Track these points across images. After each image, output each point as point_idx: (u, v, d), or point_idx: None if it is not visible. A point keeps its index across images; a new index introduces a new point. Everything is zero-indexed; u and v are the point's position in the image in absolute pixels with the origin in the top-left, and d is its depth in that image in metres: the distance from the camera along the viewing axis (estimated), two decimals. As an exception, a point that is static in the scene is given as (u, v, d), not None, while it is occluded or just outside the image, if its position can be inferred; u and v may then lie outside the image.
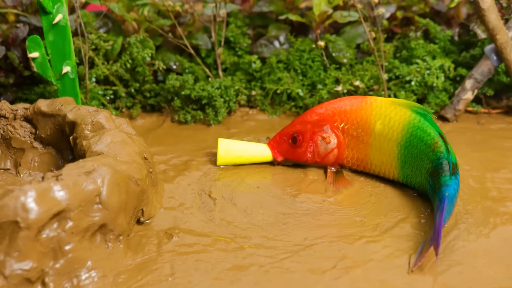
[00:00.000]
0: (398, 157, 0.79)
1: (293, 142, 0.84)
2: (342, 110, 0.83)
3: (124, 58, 1.06)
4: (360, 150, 0.83)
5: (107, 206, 0.61)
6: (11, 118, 0.85)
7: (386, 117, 0.80)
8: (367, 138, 0.82)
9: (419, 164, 0.76)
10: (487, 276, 0.60)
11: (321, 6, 1.09)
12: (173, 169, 0.86)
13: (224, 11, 1.07)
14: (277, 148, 0.86)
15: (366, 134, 0.82)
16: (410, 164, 0.78)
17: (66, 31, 0.90)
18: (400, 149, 0.79)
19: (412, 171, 0.78)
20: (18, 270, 0.56)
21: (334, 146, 0.83)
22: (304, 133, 0.84)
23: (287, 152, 0.86)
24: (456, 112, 1.05)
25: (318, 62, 1.11)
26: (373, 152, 0.81)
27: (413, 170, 0.77)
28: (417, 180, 0.77)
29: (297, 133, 0.84)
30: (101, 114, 0.77)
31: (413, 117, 0.78)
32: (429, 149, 0.75)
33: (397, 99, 0.81)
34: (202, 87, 1.04)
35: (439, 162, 0.73)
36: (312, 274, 0.61)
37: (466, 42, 1.16)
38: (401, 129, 0.79)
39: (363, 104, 0.82)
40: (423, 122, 0.78)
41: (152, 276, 0.61)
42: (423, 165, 0.76)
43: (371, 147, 0.81)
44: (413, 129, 0.78)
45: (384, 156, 0.81)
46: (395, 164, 0.80)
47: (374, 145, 0.81)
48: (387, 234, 0.68)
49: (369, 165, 0.83)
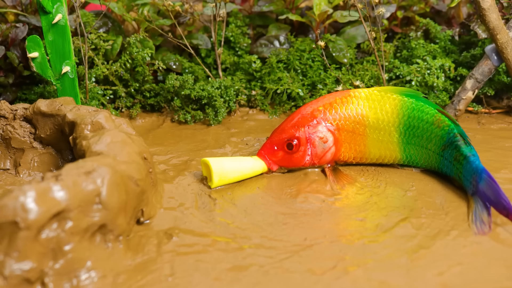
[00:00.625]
0: (399, 140, 0.82)
1: (289, 148, 0.82)
2: (332, 107, 0.83)
3: (124, 58, 1.06)
4: (357, 143, 0.84)
5: (106, 206, 0.61)
6: (10, 118, 0.85)
7: (378, 105, 0.83)
8: (363, 130, 0.83)
9: (426, 142, 0.81)
10: (487, 277, 0.60)
11: (321, 5, 1.09)
12: (173, 169, 0.86)
13: (224, 11, 1.07)
14: (271, 158, 0.83)
15: (361, 125, 0.83)
16: (414, 144, 0.82)
17: (66, 31, 0.90)
18: (401, 132, 0.82)
19: (417, 151, 0.82)
20: (17, 271, 0.55)
21: (332, 144, 0.83)
22: (299, 137, 0.82)
23: (283, 160, 0.83)
24: (456, 112, 1.05)
25: (318, 62, 1.11)
26: (371, 141, 0.83)
27: (418, 149, 0.82)
28: (424, 157, 0.82)
29: (292, 139, 0.82)
30: (101, 114, 0.76)
31: (405, 100, 0.82)
32: (434, 126, 0.81)
33: (382, 87, 0.84)
34: (202, 87, 1.04)
35: (451, 135, 0.79)
36: (312, 274, 0.61)
37: (467, 42, 1.15)
38: (396, 114, 0.82)
39: (350, 97, 0.84)
40: (417, 103, 0.82)
41: (152, 276, 0.61)
42: (432, 142, 0.81)
43: (368, 138, 0.83)
44: (409, 111, 0.82)
45: (382, 143, 0.83)
46: (397, 148, 0.83)
47: (371, 135, 0.83)
48: (387, 234, 0.68)
49: (367, 155, 0.84)
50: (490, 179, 0.71)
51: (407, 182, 0.81)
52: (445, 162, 0.80)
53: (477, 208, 0.71)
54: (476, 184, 0.73)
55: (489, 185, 0.71)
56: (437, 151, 0.81)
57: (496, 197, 0.69)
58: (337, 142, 0.83)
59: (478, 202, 0.72)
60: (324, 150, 0.83)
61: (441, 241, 0.66)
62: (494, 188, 0.70)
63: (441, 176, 0.83)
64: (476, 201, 0.72)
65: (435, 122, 0.81)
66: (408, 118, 0.82)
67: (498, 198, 0.69)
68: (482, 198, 0.71)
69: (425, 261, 0.62)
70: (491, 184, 0.70)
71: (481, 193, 0.72)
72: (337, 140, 0.83)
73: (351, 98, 0.84)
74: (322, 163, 0.85)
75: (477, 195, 0.72)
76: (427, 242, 0.66)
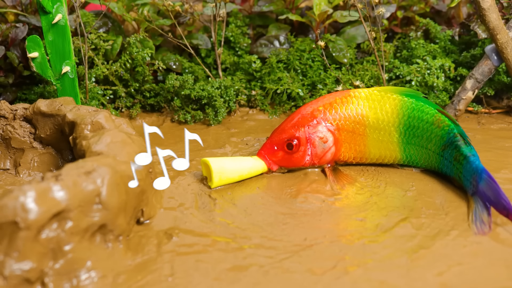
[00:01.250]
0: (399, 140, 0.83)
1: (289, 148, 0.82)
2: (332, 107, 0.83)
3: (124, 58, 1.06)
4: (357, 143, 0.84)
5: (106, 206, 0.61)
6: (10, 118, 0.85)
7: (378, 105, 0.83)
8: (363, 129, 0.83)
9: (426, 142, 0.82)
10: (487, 277, 0.60)
11: (321, 5, 1.09)
12: (173, 169, 0.86)
13: (224, 11, 1.07)
14: (271, 158, 0.83)
15: (361, 125, 0.83)
16: (414, 144, 0.82)
17: (66, 31, 0.90)
18: (401, 132, 0.82)
19: (417, 150, 0.83)
20: (17, 271, 0.55)
21: (332, 144, 0.83)
22: (299, 137, 0.82)
23: (283, 160, 0.83)
24: (456, 112, 1.05)
25: (318, 62, 1.11)
26: (371, 141, 0.83)
27: (418, 149, 0.83)
28: (424, 157, 0.83)
29: (292, 139, 0.82)
30: (101, 114, 0.76)
31: (405, 100, 0.82)
32: (434, 126, 0.81)
33: (382, 87, 0.84)
34: (202, 87, 1.04)
35: (451, 135, 0.79)
36: (312, 274, 0.61)
37: (467, 42, 1.15)
38: (396, 114, 0.82)
39: (350, 97, 0.84)
40: (417, 103, 0.82)
41: (152, 276, 0.61)
42: (432, 142, 0.81)
43: (368, 138, 0.83)
44: (409, 111, 0.82)
45: (382, 143, 0.83)
46: (396, 148, 0.83)
47: (371, 135, 0.83)
48: (387, 234, 0.68)
49: (367, 155, 0.84)
50: (490, 179, 0.71)
51: (407, 182, 0.81)
52: (445, 162, 0.80)
53: (477, 208, 0.71)
54: (476, 184, 0.73)
55: (489, 185, 0.71)
56: (437, 151, 0.81)
57: (496, 197, 0.69)
58: (337, 142, 0.83)
59: (478, 202, 0.72)
60: (324, 150, 0.83)
61: (441, 241, 0.66)
62: (494, 188, 0.70)
63: (441, 176, 0.83)
64: (476, 201, 0.72)
65: (435, 122, 0.81)
66: (408, 118, 0.82)
67: (498, 198, 0.69)
68: (482, 198, 0.71)
69: (425, 261, 0.62)
70: (491, 184, 0.70)
71: (481, 193, 0.72)
72: (337, 140, 0.83)
73: (351, 98, 0.84)
74: (322, 163, 0.85)
75: (477, 195, 0.72)
76: (427, 242, 0.66)
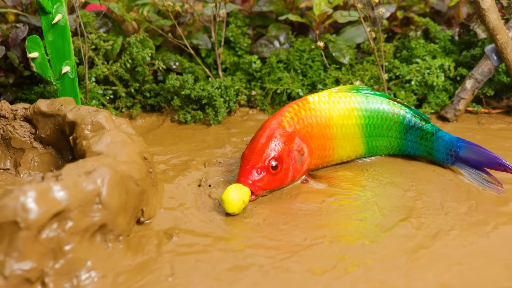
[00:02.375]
0: (362, 135, 0.85)
1: (274, 169, 0.76)
2: (296, 116, 0.80)
3: (124, 58, 1.06)
4: (325, 147, 0.83)
5: (107, 206, 0.61)
6: (11, 118, 0.85)
7: (338, 105, 0.84)
8: (330, 133, 0.83)
9: (386, 131, 0.86)
10: (487, 277, 0.60)
11: (321, 6, 1.09)
12: (173, 169, 0.86)
13: (224, 11, 1.07)
14: (257, 183, 0.75)
15: (329, 128, 0.83)
16: (376, 135, 0.86)
17: (66, 31, 0.90)
18: (363, 127, 0.85)
19: (379, 141, 0.86)
20: (18, 270, 0.55)
21: (307, 155, 0.81)
22: (281, 154, 0.76)
23: (268, 182, 0.76)
24: (456, 112, 1.05)
25: (318, 62, 1.11)
26: (338, 143, 0.84)
27: (380, 139, 0.86)
28: (385, 145, 0.87)
29: (274, 158, 0.76)
30: (101, 114, 0.77)
31: (359, 96, 0.85)
32: (389, 114, 0.85)
33: (334, 88, 0.86)
34: (202, 87, 1.04)
35: (409, 118, 0.85)
36: (312, 274, 0.61)
37: (467, 42, 1.15)
38: (355, 111, 0.84)
39: (309, 103, 0.82)
40: (369, 95, 0.85)
41: (152, 276, 0.61)
42: (392, 129, 0.85)
43: (335, 139, 0.84)
44: (365, 105, 0.85)
45: (347, 141, 0.85)
46: (361, 143, 0.86)
47: (338, 136, 0.84)
48: (387, 234, 0.68)
49: (334, 156, 0.85)
50: (469, 144, 0.75)
51: (407, 182, 0.81)
52: (408, 144, 0.86)
53: (469, 172, 0.77)
54: (456, 153, 0.80)
55: (472, 150, 0.76)
56: (399, 136, 0.86)
57: (486, 158, 0.72)
58: (311, 152, 0.81)
59: (464, 168, 0.78)
60: (302, 162, 0.80)
61: (441, 241, 0.66)
62: (479, 151, 0.74)
63: (441, 176, 0.83)
64: (461, 167, 0.80)
65: (389, 109, 0.85)
66: (366, 111, 0.84)
67: (489, 158, 0.71)
68: (468, 163, 0.79)
69: (425, 261, 0.62)
70: (473, 148, 0.75)
71: (465, 159, 0.79)
72: (311, 149, 0.81)
73: (310, 104, 0.82)
74: (300, 176, 0.81)
75: (460, 162, 0.80)
76: (427, 242, 0.66)
